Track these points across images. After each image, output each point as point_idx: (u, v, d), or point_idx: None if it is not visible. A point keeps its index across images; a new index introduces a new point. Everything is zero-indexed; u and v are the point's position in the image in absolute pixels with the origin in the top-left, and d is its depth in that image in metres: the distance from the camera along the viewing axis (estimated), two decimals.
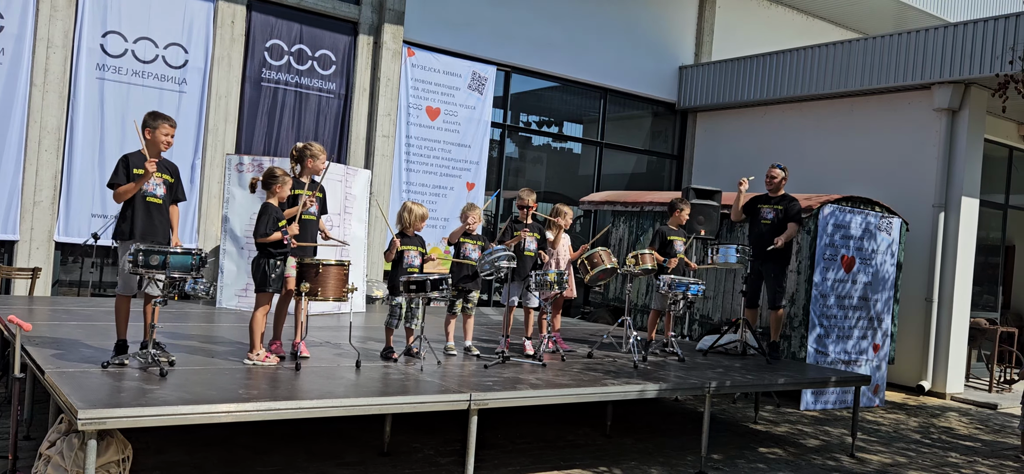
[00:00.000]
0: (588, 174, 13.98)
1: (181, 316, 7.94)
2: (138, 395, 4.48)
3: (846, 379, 7.89)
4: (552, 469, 6.24)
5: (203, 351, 6.06)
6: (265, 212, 5.67)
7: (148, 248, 5.02)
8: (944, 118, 11.03)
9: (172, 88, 9.86)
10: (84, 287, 9.61)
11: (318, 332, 7.42)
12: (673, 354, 7.83)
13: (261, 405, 4.58)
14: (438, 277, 6.03)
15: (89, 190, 9.37)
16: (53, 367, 4.92)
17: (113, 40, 9.51)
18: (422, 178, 11.78)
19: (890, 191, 11.25)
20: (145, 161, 5.30)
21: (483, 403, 5.32)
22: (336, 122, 11.08)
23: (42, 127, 9.13)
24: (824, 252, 9.33)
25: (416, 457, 6.22)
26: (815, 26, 15.85)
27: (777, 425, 8.51)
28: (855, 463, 7.22)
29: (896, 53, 11.39)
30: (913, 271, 11.08)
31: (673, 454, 6.94)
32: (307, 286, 5.71)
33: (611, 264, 7.34)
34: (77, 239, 9.30)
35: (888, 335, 10.11)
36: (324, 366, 5.86)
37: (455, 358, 6.65)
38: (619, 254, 11.47)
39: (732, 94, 13.71)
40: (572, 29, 13.15)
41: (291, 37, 10.67)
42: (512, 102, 12.97)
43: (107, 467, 4.36)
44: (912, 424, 9.18)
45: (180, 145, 9.73)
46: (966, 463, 7.61)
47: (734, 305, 10.16)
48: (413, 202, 6.49)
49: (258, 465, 5.71)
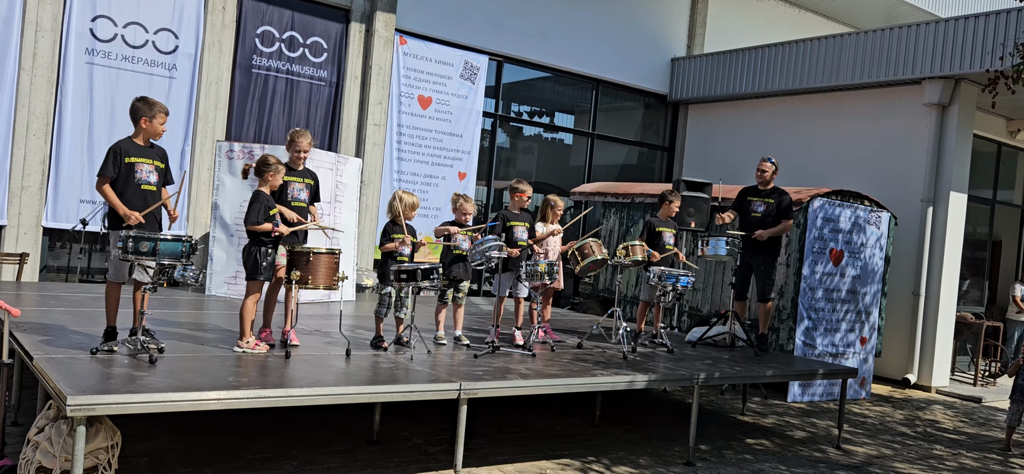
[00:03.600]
0: (579, 165, 13.99)
1: (170, 303, 7.92)
2: (127, 382, 4.48)
3: (833, 372, 7.95)
4: (541, 459, 6.27)
5: (192, 338, 6.05)
6: (256, 200, 5.66)
7: (138, 234, 5.01)
8: (934, 113, 11.09)
9: (162, 74, 9.80)
10: (72, 273, 9.56)
11: (308, 320, 7.41)
12: (662, 345, 7.87)
13: (251, 393, 4.58)
14: (429, 266, 6.03)
15: (77, 176, 9.32)
16: (41, 353, 4.90)
17: (102, 24, 9.44)
18: (413, 167, 11.76)
19: (879, 185, 11.31)
20: (137, 150, 5.28)
21: (473, 392, 5.34)
22: (327, 110, 11.04)
23: (30, 112, 9.07)
24: (813, 245, 9.38)
25: (405, 446, 6.24)
26: (807, 20, 15.88)
27: (764, 417, 8.56)
28: (841, 455, 7.28)
29: (887, 48, 11.44)
30: (901, 265, 11.16)
31: (661, 445, 6.99)
32: (297, 274, 5.71)
33: (601, 255, 7.37)
34: (65, 225, 9.25)
35: (875, 328, 10.18)
36: (314, 354, 5.86)
37: (445, 347, 6.66)
38: (609, 245, 11.50)
39: (724, 87, 13.73)
40: (564, 20, 13.14)
41: (282, 24, 10.62)
42: (504, 92, 12.95)
43: (96, 453, 4.35)
44: (898, 417, 9.26)
45: (170, 131, 9.63)
46: (950, 455, 7.69)
47: (723, 297, 10.21)
48: (404, 191, 6.49)
49: (247, 452, 5.72)
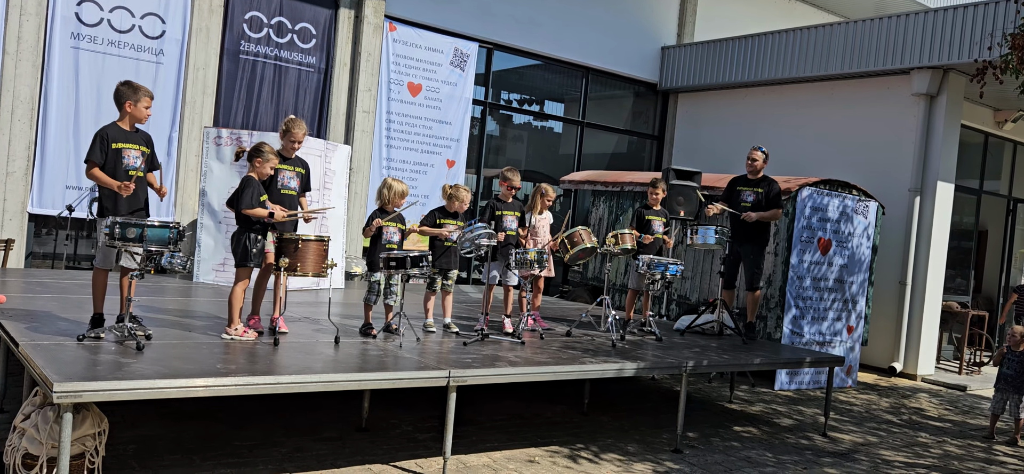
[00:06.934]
0: (569, 153, 13.98)
1: (158, 290, 7.87)
2: (114, 368, 4.45)
3: (820, 360, 8.00)
4: (530, 446, 6.29)
5: (180, 325, 6.03)
6: (248, 185, 5.63)
7: (125, 221, 4.97)
8: (922, 103, 11.14)
9: (149, 59, 9.72)
10: (58, 259, 9.49)
11: (297, 308, 7.39)
12: (651, 333, 7.89)
13: (239, 380, 4.57)
14: (418, 254, 6.02)
15: (63, 161, 9.24)
16: (27, 340, 4.87)
17: (88, 9, 9.34)
18: (403, 155, 11.72)
19: (867, 175, 11.36)
20: (123, 135, 5.23)
21: (462, 380, 5.34)
22: (316, 97, 10.98)
23: (15, 96, 8.98)
24: (801, 234, 9.42)
25: (394, 433, 6.24)
26: (797, 9, 15.90)
27: (752, 404, 8.61)
28: (827, 442, 7.33)
29: (876, 38, 11.47)
30: (888, 254, 11.22)
31: (649, 432, 7.02)
32: (286, 261, 5.69)
33: (591, 243, 7.37)
34: (51, 211, 9.17)
35: (862, 317, 10.25)
36: (303, 342, 5.84)
37: (434, 335, 6.66)
38: (599, 233, 11.51)
39: (714, 76, 13.74)
40: (555, 7, 13.10)
41: (271, 9, 10.54)
42: (494, 80, 12.92)
43: (83, 440, 4.33)
44: (883, 405, 9.33)
45: (157, 117, 9.61)
46: (935, 443, 7.76)
47: (712, 286, 10.24)
48: (393, 178, 6.46)
49: (235, 440, 5.70)
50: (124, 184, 5.14)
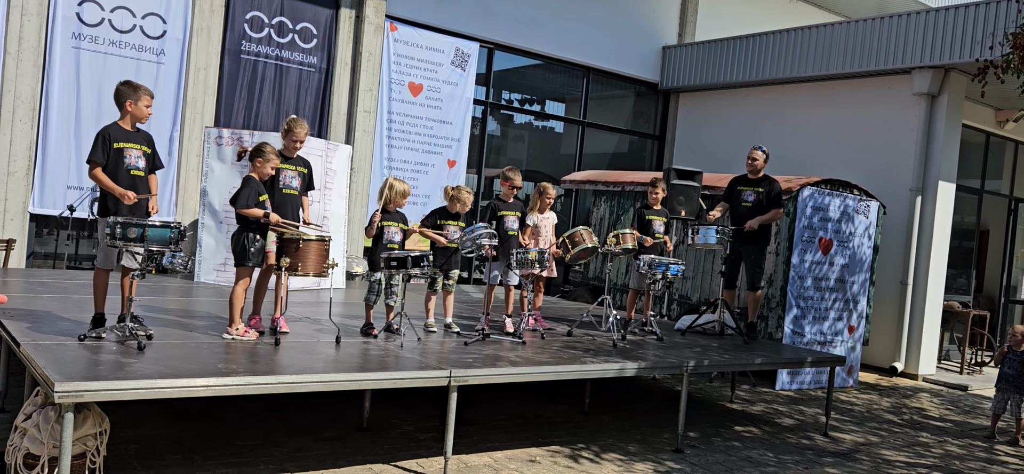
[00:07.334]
0: (570, 153, 13.98)
1: (159, 290, 7.88)
2: (115, 368, 4.45)
3: (821, 360, 8.00)
4: (531, 445, 6.29)
5: (181, 325, 6.03)
6: (247, 184, 5.63)
7: (126, 221, 4.97)
8: (923, 103, 11.13)
9: (150, 59, 9.72)
10: (59, 259, 9.50)
11: (298, 307, 7.39)
12: (652, 333, 7.89)
13: (240, 380, 4.57)
14: (419, 254, 6.02)
15: (65, 161, 9.24)
16: (29, 339, 4.87)
17: (89, 9, 9.35)
18: (404, 154, 11.72)
19: (868, 174, 11.35)
20: (125, 135, 5.23)
21: (463, 379, 5.34)
22: (317, 97, 10.98)
23: (16, 96, 8.98)
24: (802, 234, 9.42)
25: (395, 432, 6.24)
26: (798, 9, 15.89)
27: (753, 404, 8.61)
28: (829, 442, 7.33)
29: (877, 37, 11.46)
30: (889, 254, 11.21)
31: (650, 432, 7.01)
32: (287, 261, 5.69)
33: (592, 243, 7.37)
34: (52, 211, 9.18)
35: (863, 317, 10.24)
36: (304, 341, 5.84)
37: (435, 335, 6.66)
38: (600, 233, 11.51)
39: (715, 75, 13.74)
40: (556, 7, 13.09)
41: (272, 9, 10.54)
42: (495, 79, 12.92)
43: (84, 440, 4.34)
44: (884, 405, 9.33)
45: (158, 117, 9.61)
46: (937, 443, 7.75)
47: (713, 285, 10.24)
48: (395, 178, 6.47)
49: (236, 440, 5.70)
50: (128, 194, 5.14)
